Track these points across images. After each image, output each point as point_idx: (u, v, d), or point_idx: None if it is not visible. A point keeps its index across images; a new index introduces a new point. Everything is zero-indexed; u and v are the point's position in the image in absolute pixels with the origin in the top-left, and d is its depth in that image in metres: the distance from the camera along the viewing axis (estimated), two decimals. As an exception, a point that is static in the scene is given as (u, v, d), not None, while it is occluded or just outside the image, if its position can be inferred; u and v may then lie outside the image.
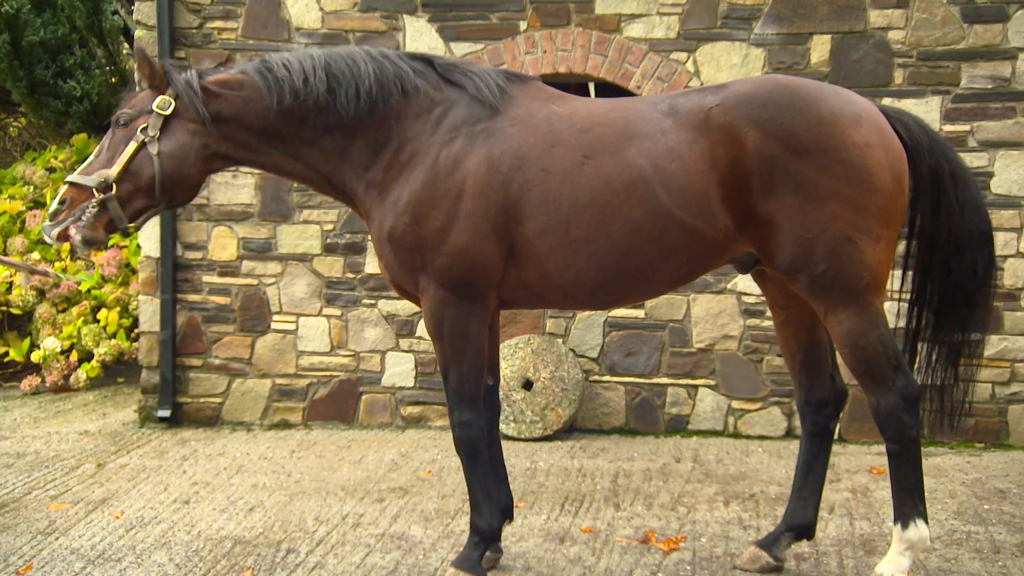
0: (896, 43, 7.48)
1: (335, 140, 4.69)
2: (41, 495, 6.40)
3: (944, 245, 4.52)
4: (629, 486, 6.45)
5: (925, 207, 4.52)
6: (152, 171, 4.57)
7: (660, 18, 7.70)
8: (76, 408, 8.91)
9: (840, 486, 6.34)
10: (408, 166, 4.56)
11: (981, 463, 6.95)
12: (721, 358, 7.76)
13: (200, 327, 8.24)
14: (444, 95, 4.65)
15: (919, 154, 4.45)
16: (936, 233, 4.52)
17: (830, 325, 4.32)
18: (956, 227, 4.49)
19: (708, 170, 4.29)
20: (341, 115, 4.63)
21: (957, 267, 4.52)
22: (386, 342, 8.11)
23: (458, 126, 4.55)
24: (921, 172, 4.46)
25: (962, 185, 4.49)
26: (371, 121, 4.64)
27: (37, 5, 10.27)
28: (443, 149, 4.52)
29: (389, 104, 4.64)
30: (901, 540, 4.37)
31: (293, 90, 4.61)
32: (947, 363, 4.64)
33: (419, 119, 4.62)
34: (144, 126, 4.58)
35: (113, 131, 4.65)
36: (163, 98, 4.60)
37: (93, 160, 4.64)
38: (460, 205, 4.44)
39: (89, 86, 10.23)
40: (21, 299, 9.59)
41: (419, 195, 4.49)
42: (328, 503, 6.17)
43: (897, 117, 4.51)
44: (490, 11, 7.84)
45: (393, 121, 4.63)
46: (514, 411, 7.60)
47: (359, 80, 4.62)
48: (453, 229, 4.45)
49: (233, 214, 8.18)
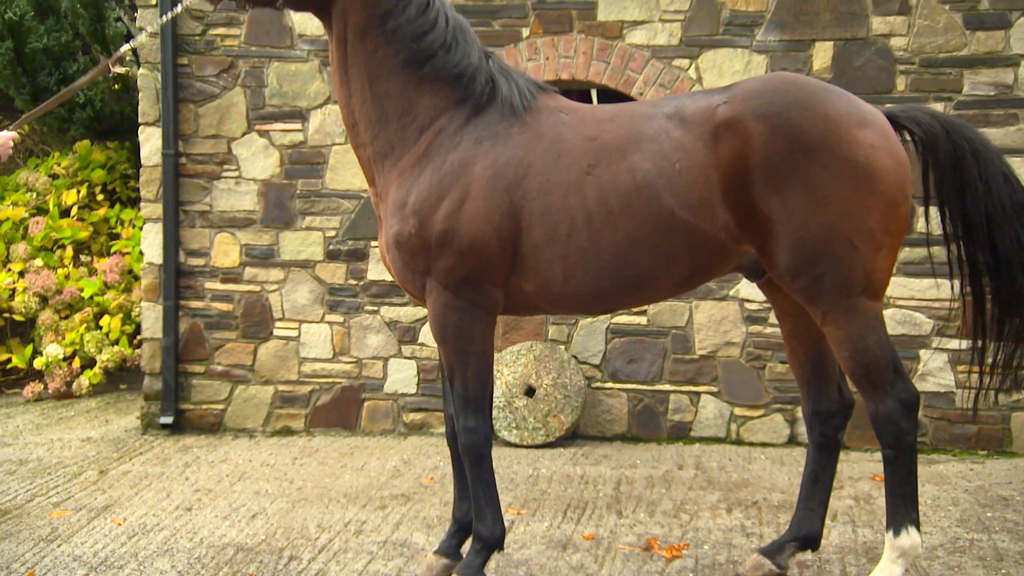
0: (898, 50, 7.48)
1: (383, 86, 4.60)
2: (43, 502, 6.40)
3: (979, 223, 4.41)
4: (631, 493, 6.45)
5: (950, 192, 4.44)
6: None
7: (662, 25, 7.71)
8: (78, 415, 8.91)
9: (843, 493, 6.33)
10: (421, 162, 4.53)
11: (984, 470, 6.94)
12: (723, 365, 7.75)
13: (202, 334, 8.24)
14: (479, 92, 4.59)
15: (936, 143, 4.40)
16: (966, 216, 4.42)
17: (828, 330, 4.30)
18: (985, 201, 4.38)
19: (712, 166, 4.27)
20: (400, 67, 4.57)
21: (1003, 242, 4.40)
22: (388, 349, 8.11)
23: (470, 129, 4.54)
24: (942, 161, 4.40)
25: (984, 160, 4.40)
26: (417, 90, 4.58)
27: (41, 12, 10.29)
28: (451, 152, 4.51)
29: (440, 79, 4.59)
30: (893, 548, 4.34)
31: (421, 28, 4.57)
32: (1020, 338, 4.50)
33: (448, 111, 4.56)
34: None
35: None
36: None
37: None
38: (464, 208, 4.44)
39: (92, 93, 10.23)
40: (24, 305, 9.59)
41: (425, 197, 4.48)
42: (330, 510, 6.17)
43: (907, 115, 4.46)
44: (492, 18, 7.85)
45: (432, 102, 4.58)
46: (516, 418, 7.60)
47: (479, 62, 4.61)
48: (457, 232, 4.45)
49: (236, 220, 8.19)
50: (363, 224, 8.03)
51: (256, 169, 8.15)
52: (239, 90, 8.13)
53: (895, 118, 4.46)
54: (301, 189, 8.12)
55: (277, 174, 8.14)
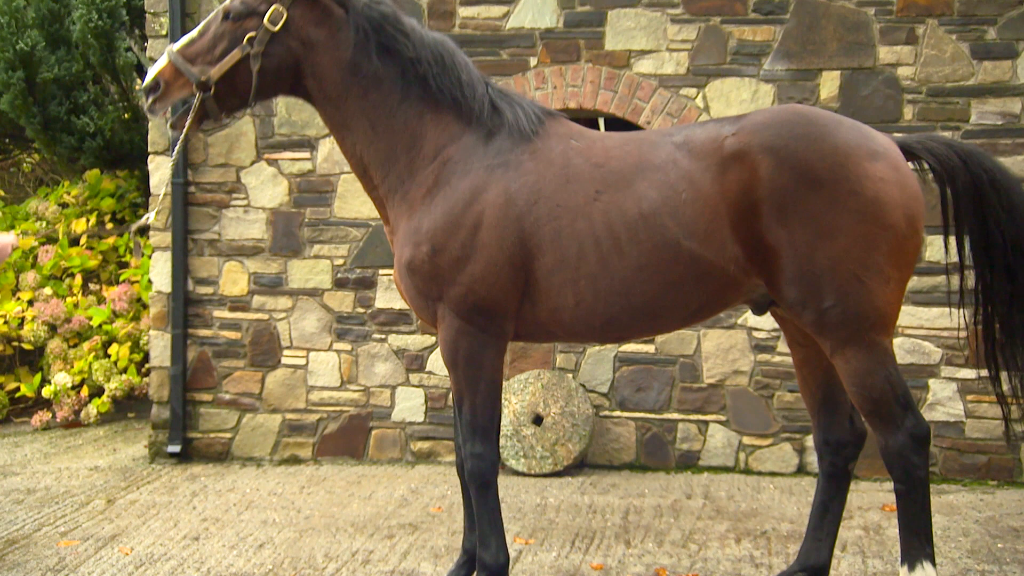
0: (905, 79, 7.50)
1: (385, 128, 4.67)
2: (51, 531, 6.39)
3: (1000, 252, 4.41)
4: (640, 523, 6.42)
5: (971, 220, 4.43)
6: (250, 83, 4.60)
7: (670, 54, 7.74)
8: (86, 443, 8.91)
9: (852, 523, 6.29)
10: (432, 191, 4.56)
11: (995, 501, 6.90)
12: (732, 393, 7.74)
13: (210, 362, 8.25)
14: (484, 120, 4.64)
15: (954, 173, 4.39)
16: (989, 246, 4.42)
17: (837, 363, 4.28)
18: (1008, 231, 4.39)
19: (718, 198, 4.27)
20: (396, 104, 4.65)
21: (1020, 270, 4.42)
22: (396, 377, 8.10)
23: (481, 156, 4.56)
24: (960, 191, 4.40)
25: (1004, 190, 4.40)
26: (419, 125, 4.65)
27: (52, 42, 10.36)
28: (463, 179, 4.53)
29: (441, 112, 4.65)
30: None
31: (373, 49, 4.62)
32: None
33: (454, 140, 4.61)
34: (252, 35, 4.57)
35: (221, 19, 4.65)
36: (276, 8, 4.58)
37: (195, 39, 4.66)
38: (478, 236, 4.45)
39: (102, 122, 10.29)
40: (33, 334, 9.61)
41: (438, 224, 4.50)
42: (338, 539, 6.15)
43: (922, 145, 4.45)
44: (501, 47, 7.89)
45: (436, 134, 4.63)
46: (524, 446, 7.58)
47: (475, 85, 4.67)
48: (470, 260, 4.46)
49: (244, 249, 8.21)
50: (371, 252, 8.04)
51: (265, 198, 8.18)
52: (248, 119, 8.17)
53: (909, 148, 4.44)
54: (309, 217, 8.14)
55: (286, 202, 8.17)
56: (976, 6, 7.42)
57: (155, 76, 4.64)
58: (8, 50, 9.91)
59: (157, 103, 4.66)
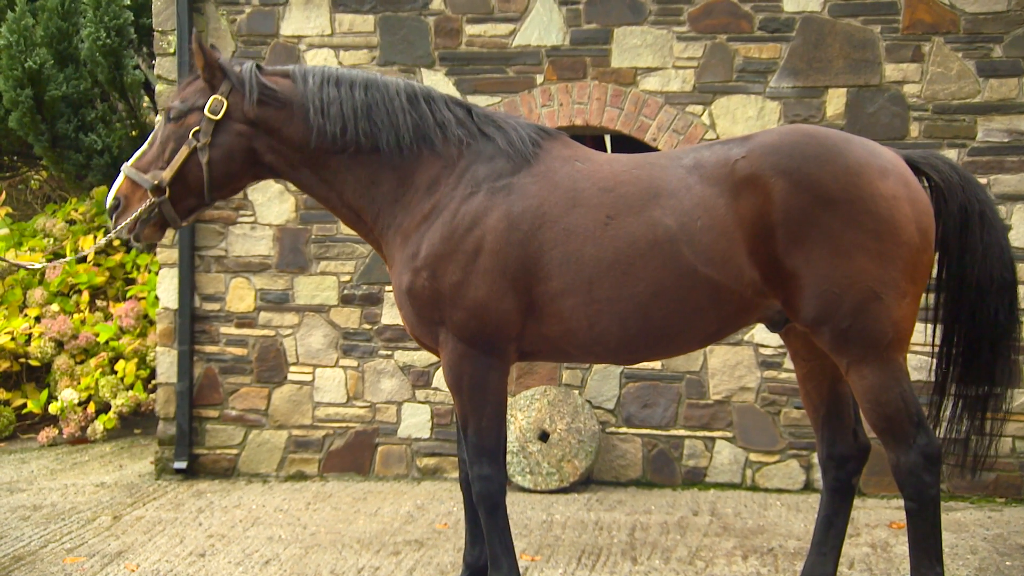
0: (912, 96, 7.51)
1: (367, 176, 4.70)
2: (57, 548, 6.39)
3: (969, 289, 4.45)
4: (646, 539, 6.40)
5: (952, 248, 4.46)
6: (202, 177, 4.62)
7: (676, 71, 7.76)
8: (93, 460, 8.91)
9: (860, 540, 6.27)
10: (429, 218, 4.57)
11: (1003, 518, 6.88)
12: (738, 410, 7.72)
13: (217, 378, 8.25)
14: (475, 147, 4.65)
15: (951, 193, 4.41)
16: (962, 276, 4.46)
17: (852, 380, 4.29)
18: (979, 270, 4.42)
19: (734, 224, 4.27)
20: (377, 157, 4.66)
21: (981, 313, 4.46)
22: (402, 393, 8.10)
23: (480, 181, 4.55)
24: (951, 212, 4.42)
25: (988, 227, 4.43)
26: (404, 164, 4.67)
27: (60, 60, 10.41)
28: (463, 204, 4.52)
29: (425, 151, 4.66)
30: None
31: (331, 134, 4.64)
32: (972, 415, 4.58)
33: (447, 169, 4.63)
34: (196, 129, 4.60)
35: (165, 123, 4.69)
36: (216, 99, 4.61)
37: (146, 150, 4.70)
38: (478, 261, 4.45)
39: (110, 139, 10.33)
40: (40, 351, 9.63)
41: (437, 250, 4.49)
42: (344, 556, 6.14)
43: (926, 160, 4.48)
44: (507, 64, 7.92)
45: (426, 168, 4.65)
46: (530, 463, 7.57)
47: (399, 132, 4.65)
48: (471, 285, 4.45)
49: (251, 265, 8.22)
50: (377, 269, 8.05)
51: (271, 214, 8.20)
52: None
53: (914, 163, 4.46)
54: (316, 234, 8.16)
55: (292, 219, 8.19)
56: (982, 24, 7.43)
57: (115, 194, 4.68)
58: (17, 68, 9.96)
59: (120, 219, 4.67)
